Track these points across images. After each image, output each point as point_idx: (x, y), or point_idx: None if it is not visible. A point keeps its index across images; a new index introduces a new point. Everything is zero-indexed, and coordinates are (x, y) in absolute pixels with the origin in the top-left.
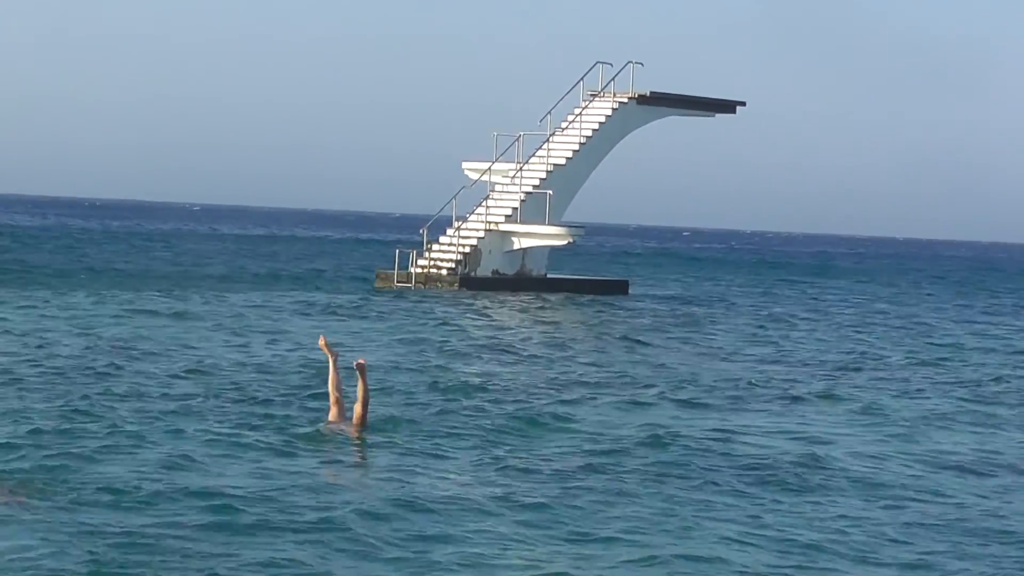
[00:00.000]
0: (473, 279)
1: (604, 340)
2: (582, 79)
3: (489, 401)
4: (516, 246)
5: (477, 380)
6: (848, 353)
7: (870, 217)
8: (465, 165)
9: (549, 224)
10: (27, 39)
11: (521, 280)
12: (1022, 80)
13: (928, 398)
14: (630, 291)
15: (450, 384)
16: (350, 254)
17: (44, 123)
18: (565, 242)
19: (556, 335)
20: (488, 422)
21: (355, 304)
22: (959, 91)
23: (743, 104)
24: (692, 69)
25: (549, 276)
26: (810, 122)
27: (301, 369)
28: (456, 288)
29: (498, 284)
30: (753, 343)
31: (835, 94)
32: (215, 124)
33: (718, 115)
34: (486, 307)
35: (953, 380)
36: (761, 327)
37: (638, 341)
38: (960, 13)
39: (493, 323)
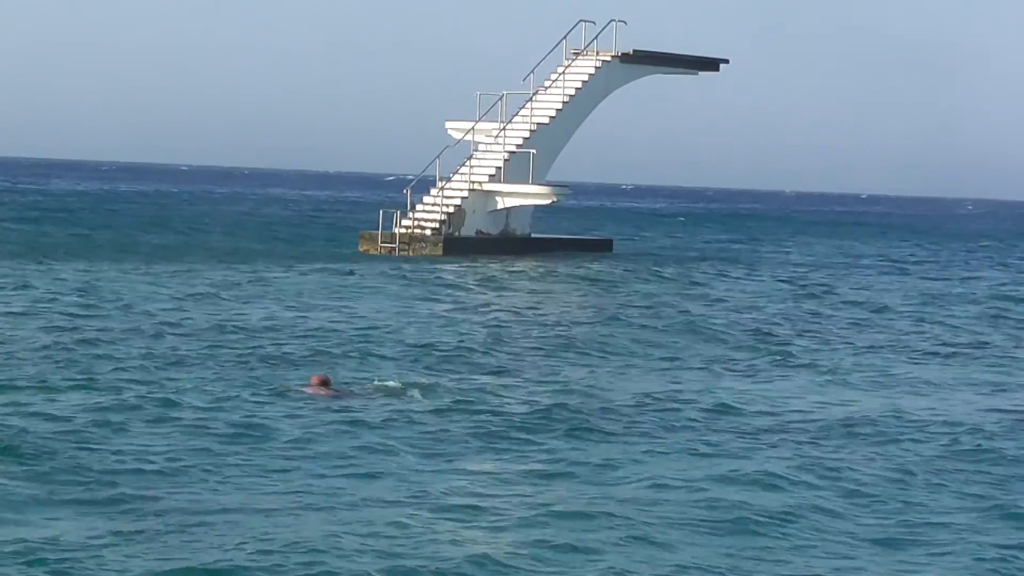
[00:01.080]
0: (457, 239)
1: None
2: (565, 38)
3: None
4: (500, 205)
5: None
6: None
7: (852, 176)
8: (448, 124)
9: (533, 183)
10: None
11: (505, 240)
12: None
13: None
14: (614, 249)
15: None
16: (344, 215)
17: (32, 84)
18: (549, 201)
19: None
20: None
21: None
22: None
23: (726, 61)
24: (675, 27)
25: (533, 236)
26: (793, 81)
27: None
28: (440, 249)
29: (482, 244)
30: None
31: (818, 51)
32: (202, 84)
33: (701, 73)
34: (481, 273)
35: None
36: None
37: (639, 304)
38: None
39: (491, 292)
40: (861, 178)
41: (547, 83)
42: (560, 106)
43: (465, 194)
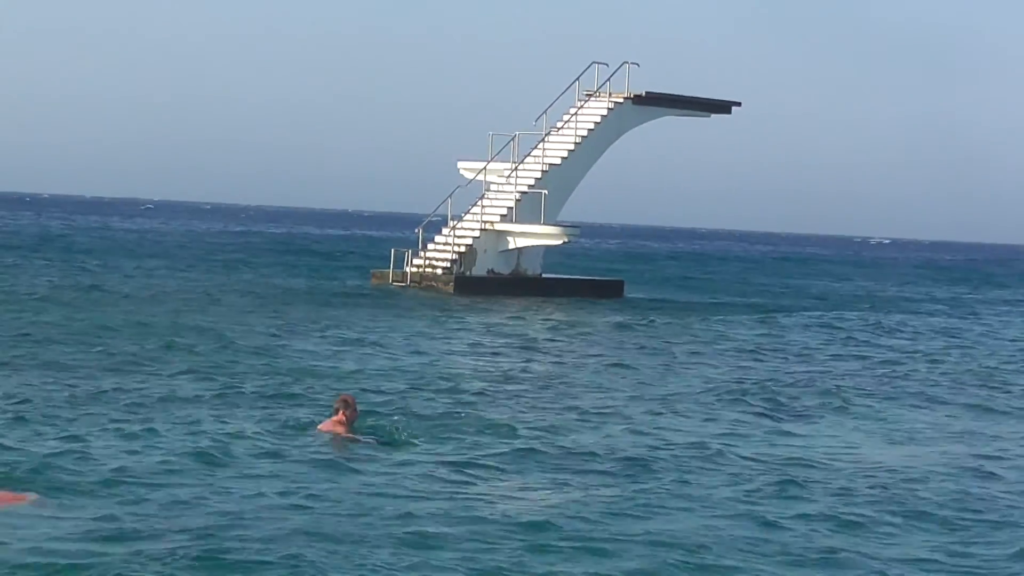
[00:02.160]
0: (468, 279)
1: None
2: (578, 79)
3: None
4: (511, 246)
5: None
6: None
7: (866, 217)
8: (460, 164)
9: (544, 224)
10: (22, 33)
11: (516, 280)
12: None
13: None
14: (625, 292)
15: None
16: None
17: (40, 119)
18: (560, 242)
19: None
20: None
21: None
22: (956, 82)
23: (738, 104)
24: (688, 69)
25: (544, 276)
26: (807, 121)
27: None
28: (451, 288)
29: (493, 284)
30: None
31: (832, 92)
32: (210, 123)
33: (713, 115)
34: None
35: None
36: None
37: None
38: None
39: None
40: (867, 223)
41: (559, 124)
42: (572, 147)
43: (477, 234)
